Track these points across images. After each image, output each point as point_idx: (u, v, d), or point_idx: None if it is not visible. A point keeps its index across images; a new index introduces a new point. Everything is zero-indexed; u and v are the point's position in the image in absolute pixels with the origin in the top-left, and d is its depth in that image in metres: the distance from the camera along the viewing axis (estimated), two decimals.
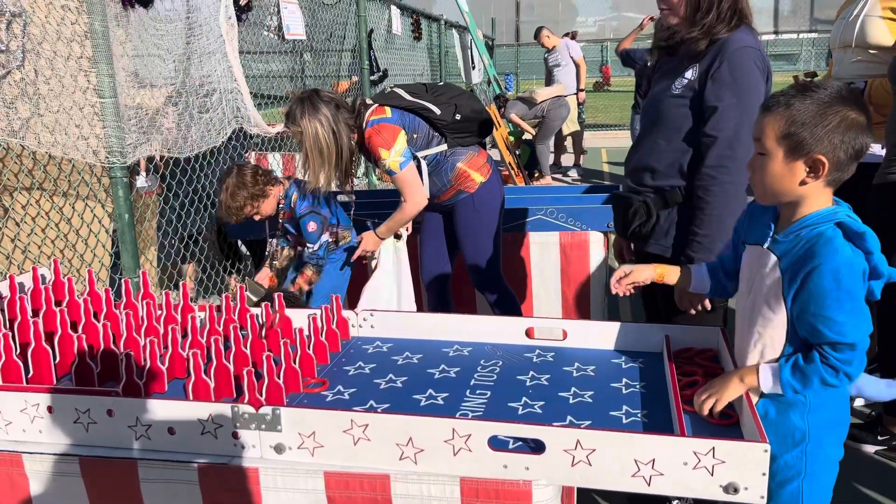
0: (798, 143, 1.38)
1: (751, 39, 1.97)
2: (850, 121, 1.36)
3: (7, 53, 2.25)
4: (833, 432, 1.49)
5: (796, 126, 1.38)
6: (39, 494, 1.42)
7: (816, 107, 1.37)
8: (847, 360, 1.36)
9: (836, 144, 1.36)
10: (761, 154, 1.44)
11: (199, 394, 1.49)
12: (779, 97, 1.42)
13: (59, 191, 3.13)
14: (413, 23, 7.56)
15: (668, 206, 2.07)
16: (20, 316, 1.73)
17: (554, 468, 1.25)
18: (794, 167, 1.40)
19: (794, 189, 1.42)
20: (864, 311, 1.37)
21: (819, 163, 1.37)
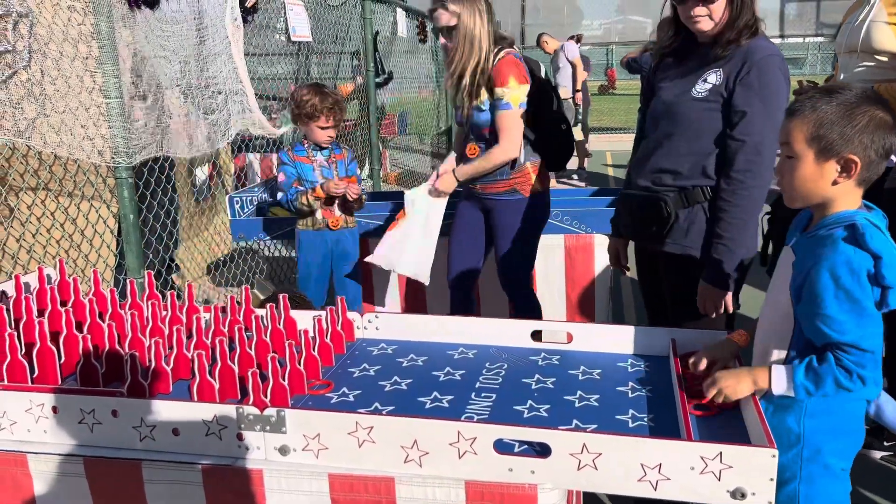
0: (829, 145, 1.39)
1: (774, 47, 2.01)
2: (879, 120, 1.38)
3: (13, 54, 2.25)
4: (836, 441, 1.47)
5: (825, 128, 1.39)
6: (43, 495, 1.42)
7: (844, 108, 1.39)
8: (860, 362, 1.36)
9: (866, 144, 1.38)
10: (790, 157, 1.45)
11: (203, 395, 1.49)
12: (804, 101, 1.44)
13: (65, 191, 3.13)
14: (418, 25, 7.56)
15: (689, 205, 2.07)
16: (25, 316, 1.73)
17: (560, 472, 1.24)
18: (825, 168, 1.41)
19: (826, 190, 1.43)
20: (868, 312, 1.36)
21: (851, 162, 1.39)
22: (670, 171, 2.10)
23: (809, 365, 1.41)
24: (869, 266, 1.35)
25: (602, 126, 13.24)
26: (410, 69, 7.75)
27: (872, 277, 1.35)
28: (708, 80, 2.03)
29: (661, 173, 2.12)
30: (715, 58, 2.02)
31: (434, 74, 8.84)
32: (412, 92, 8.26)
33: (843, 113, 1.38)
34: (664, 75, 2.20)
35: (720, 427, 1.41)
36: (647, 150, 2.20)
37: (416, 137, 8.94)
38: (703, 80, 2.04)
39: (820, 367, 1.39)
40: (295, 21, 4.12)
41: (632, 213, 2.24)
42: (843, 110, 1.39)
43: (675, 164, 2.09)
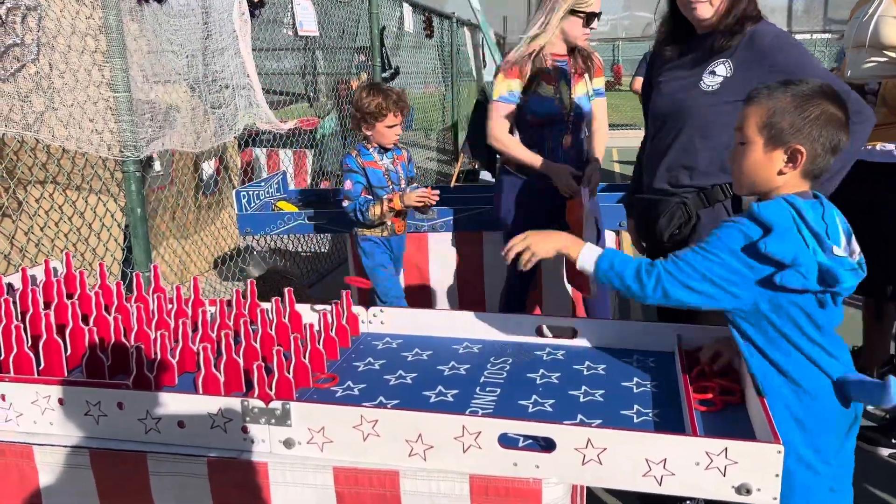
0: (778, 133, 1.43)
1: (776, 27, 1.98)
2: (830, 115, 1.42)
3: (22, 47, 2.26)
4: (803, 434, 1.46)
5: (777, 116, 1.43)
6: (49, 486, 1.42)
7: (798, 99, 1.43)
8: (671, 269, 1.45)
9: (814, 136, 1.41)
10: (741, 143, 1.49)
11: (209, 388, 1.49)
12: (762, 88, 1.48)
13: (73, 185, 3.15)
14: (425, 20, 7.55)
15: (710, 204, 2.02)
16: (32, 308, 1.74)
17: (564, 467, 1.24)
18: (772, 156, 1.45)
19: (772, 178, 1.46)
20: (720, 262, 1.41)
21: (797, 152, 1.42)
22: (686, 169, 2.03)
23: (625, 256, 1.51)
24: (751, 235, 1.39)
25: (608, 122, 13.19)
26: (416, 64, 7.75)
27: (752, 246, 1.38)
28: (717, 72, 1.97)
29: (678, 173, 2.05)
30: (720, 48, 1.96)
31: (440, 70, 8.83)
32: (418, 87, 8.26)
33: (797, 104, 1.42)
34: (664, 69, 2.13)
35: (725, 422, 1.41)
36: (658, 150, 2.12)
37: (422, 133, 8.93)
38: (710, 72, 1.98)
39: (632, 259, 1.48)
40: (302, 16, 4.12)
41: (649, 219, 2.16)
42: (797, 101, 1.42)
43: (691, 161, 2.02)
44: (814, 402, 1.46)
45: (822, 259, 1.36)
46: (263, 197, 3.77)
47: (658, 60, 2.18)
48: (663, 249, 2.18)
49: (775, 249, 1.36)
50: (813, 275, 1.36)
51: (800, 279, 1.36)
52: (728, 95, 1.97)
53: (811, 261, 1.36)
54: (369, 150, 2.94)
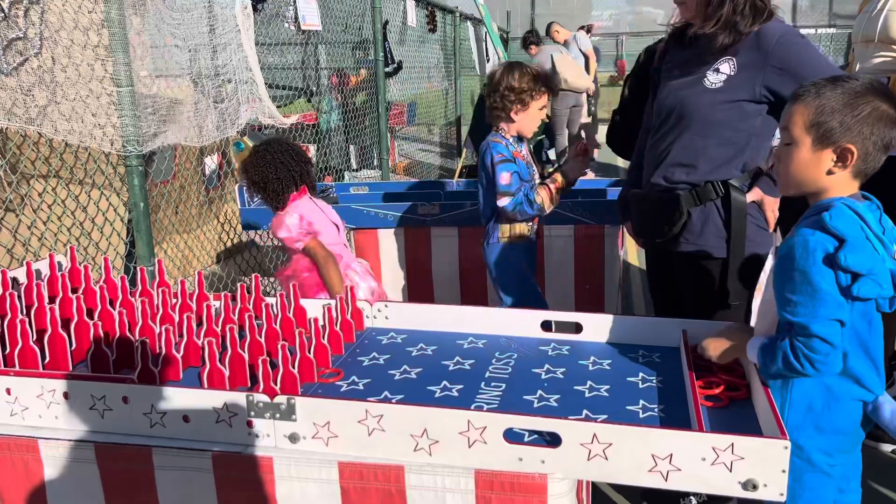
0: (827, 132, 1.38)
1: (784, 25, 1.94)
2: (881, 112, 1.36)
3: (25, 41, 2.25)
4: (819, 438, 1.46)
5: (826, 115, 1.38)
6: (54, 480, 1.42)
7: (847, 96, 1.37)
8: (808, 345, 1.36)
9: (865, 135, 1.36)
10: (788, 144, 1.44)
11: (213, 382, 1.49)
12: (809, 87, 1.42)
13: (75, 179, 3.14)
14: (428, 15, 7.53)
15: (701, 202, 2.00)
16: (37, 302, 1.74)
17: (570, 462, 1.24)
18: (821, 156, 1.39)
19: (820, 178, 1.41)
20: (822, 294, 1.33)
21: (848, 152, 1.37)
22: (683, 166, 2.03)
23: (771, 340, 1.42)
24: (828, 248, 1.33)
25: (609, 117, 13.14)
26: (419, 59, 7.73)
27: (830, 259, 1.32)
28: (721, 70, 1.95)
29: (674, 169, 2.04)
30: (724, 46, 1.94)
31: (443, 64, 8.81)
32: (421, 82, 8.24)
33: (847, 101, 1.37)
34: (671, 65, 2.12)
35: (732, 418, 1.41)
36: (658, 146, 2.11)
37: (425, 128, 8.92)
38: (715, 69, 1.96)
39: (775, 344, 1.40)
40: (304, 10, 4.11)
41: (643, 213, 2.17)
42: (847, 99, 1.37)
43: (688, 159, 2.01)
44: (841, 412, 1.45)
45: (891, 265, 1.33)
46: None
47: (665, 55, 2.16)
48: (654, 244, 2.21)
49: (854, 262, 1.31)
50: (887, 282, 1.33)
51: (875, 288, 1.33)
52: (730, 94, 1.95)
53: (884, 268, 1.33)
54: (509, 141, 2.60)
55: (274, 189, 2.50)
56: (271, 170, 2.49)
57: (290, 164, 2.51)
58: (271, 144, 2.55)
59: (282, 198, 2.52)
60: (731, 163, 1.99)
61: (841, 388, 1.44)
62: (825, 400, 1.44)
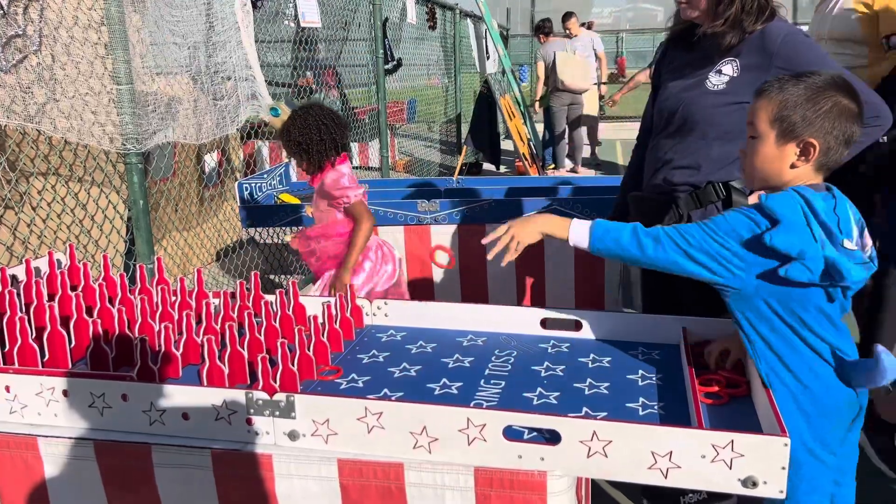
0: (790, 126, 1.41)
1: (788, 25, 1.93)
2: (843, 107, 1.40)
3: (24, 38, 2.25)
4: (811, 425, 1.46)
5: (789, 109, 1.41)
6: (54, 477, 1.42)
7: (809, 91, 1.41)
8: (672, 234, 1.44)
9: (827, 129, 1.40)
10: (753, 137, 1.47)
11: (213, 380, 1.49)
12: (773, 82, 1.46)
13: (75, 176, 3.14)
14: (428, 12, 7.52)
15: (702, 205, 1.98)
16: (36, 300, 1.74)
17: (569, 459, 1.24)
18: (785, 150, 1.43)
19: (783, 172, 1.45)
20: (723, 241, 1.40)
21: (810, 146, 1.41)
22: (684, 168, 2.01)
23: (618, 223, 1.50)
24: (756, 227, 1.38)
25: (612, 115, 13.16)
26: (419, 56, 7.72)
27: (757, 238, 1.37)
28: (723, 71, 1.94)
29: (675, 171, 2.02)
30: (727, 47, 1.92)
31: (443, 62, 8.80)
32: (421, 79, 8.24)
33: (809, 96, 1.40)
34: (672, 67, 2.10)
35: (731, 415, 1.41)
36: (657, 148, 2.10)
37: (425, 125, 8.92)
38: (717, 71, 1.95)
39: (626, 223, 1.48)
40: (304, 6, 4.10)
41: (643, 216, 2.09)
42: (809, 94, 1.40)
43: (689, 161, 2.00)
44: (818, 393, 1.45)
45: (829, 253, 1.34)
46: (266, 189, 3.76)
47: (667, 55, 2.15)
48: None
49: (781, 242, 1.35)
50: (818, 268, 1.35)
51: (805, 272, 1.35)
52: (733, 96, 1.93)
53: (818, 254, 1.34)
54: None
55: (317, 150, 2.55)
56: (315, 132, 2.54)
57: (332, 127, 2.57)
58: (313, 108, 2.61)
59: (323, 159, 2.57)
60: (733, 164, 1.95)
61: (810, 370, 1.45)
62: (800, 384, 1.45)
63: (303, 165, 2.61)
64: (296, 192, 3.92)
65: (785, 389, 1.45)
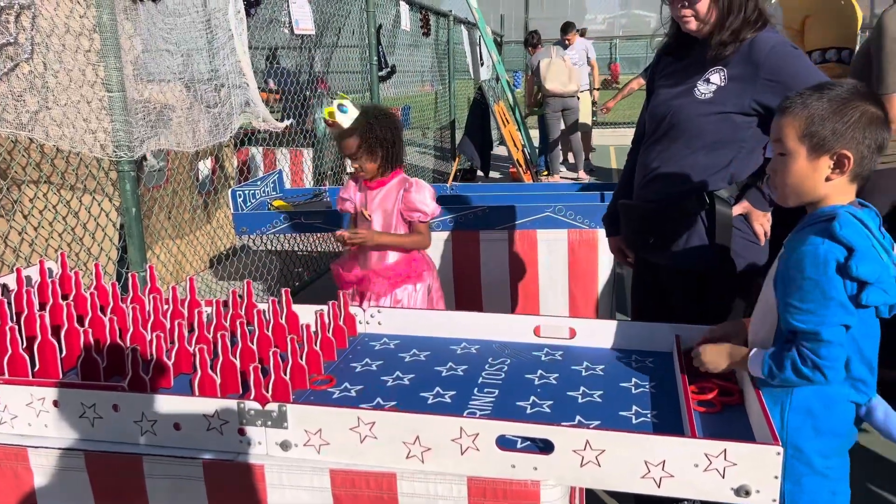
0: (821, 141, 1.39)
1: (777, 36, 1.91)
2: (871, 115, 1.38)
3: (16, 46, 2.24)
4: (818, 441, 1.46)
5: (817, 124, 1.39)
6: (44, 488, 1.41)
7: (835, 104, 1.39)
8: (816, 351, 1.36)
9: (858, 139, 1.38)
10: (782, 154, 1.44)
11: (205, 389, 1.48)
12: (794, 98, 1.43)
13: (67, 184, 3.13)
14: (422, 18, 7.54)
15: (689, 214, 1.98)
16: (27, 309, 1.73)
17: (563, 468, 1.24)
18: (818, 164, 1.40)
19: (819, 187, 1.42)
20: (834, 302, 1.34)
21: (844, 157, 1.38)
22: (670, 176, 2.00)
23: (776, 351, 1.42)
24: (838, 257, 1.33)
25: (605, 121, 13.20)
26: (413, 63, 7.73)
27: (842, 269, 1.33)
28: (711, 80, 1.94)
29: (662, 179, 2.02)
30: (716, 56, 1.92)
31: (437, 68, 8.81)
32: (415, 86, 8.24)
33: (835, 109, 1.38)
34: (664, 74, 2.10)
35: (724, 424, 1.40)
36: (645, 155, 2.10)
37: (419, 131, 8.92)
38: (705, 80, 1.94)
39: (783, 353, 1.40)
40: (298, 14, 4.10)
41: (631, 224, 2.15)
42: (835, 106, 1.38)
43: (675, 169, 1.99)
44: (837, 414, 1.45)
45: (894, 272, 1.34)
46: (259, 196, 3.76)
47: (660, 64, 2.15)
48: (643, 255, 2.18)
49: (865, 271, 1.32)
50: (892, 289, 1.34)
51: (882, 295, 1.33)
52: (720, 105, 1.92)
53: (889, 275, 1.33)
54: None
55: (396, 151, 2.51)
56: (397, 133, 2.53)
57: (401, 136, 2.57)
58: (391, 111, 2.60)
59: (396, 163, 2.53)
60: (719, 174, 1.96)
61: (838, 392, 1.44)
62: (823, 403, 1.45)
63: (368, 165, 2.50)
64: (289, 198, 3.91)
65: (805, 405, 1.44)
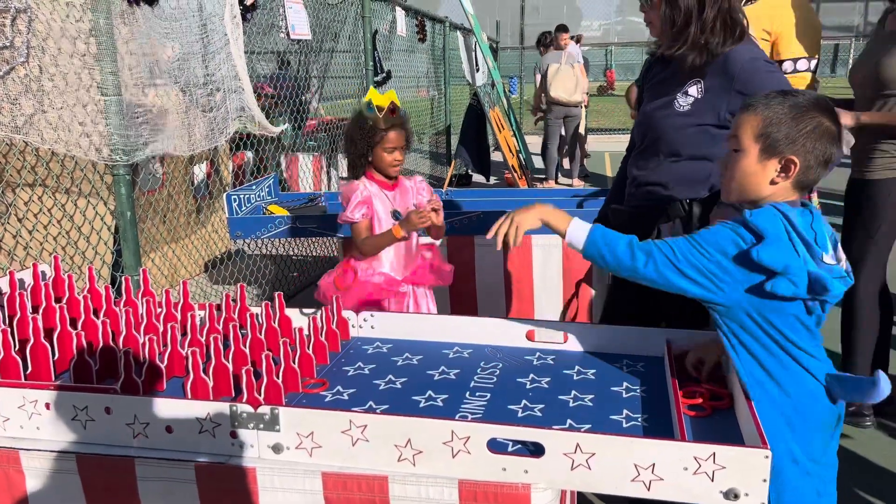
0: (774, 143, 1.44)
1: (754, 50, 1.94)
2: (824, 129, 1.44)
3: (12, 49, 2.25)
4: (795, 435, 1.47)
5: (773, 126, 1.44)
6: (36, 491, 1.41)
7: (794, 110, 1.44)
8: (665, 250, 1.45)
9: (808, 149, 1.43)
10: (735, 150, 1.50)
11: (197, 392, 1.49)
12: (760, 98, 1.49)
13: (62, 188, 3.13)
14: (417, 24, 7.56)
15: (670, 219, 2.02)
16: (20, 312, 1.73)
17: (553, 472, 1.24)
18: (766, 165, 1.46)
19: (762, 187, 1.47)
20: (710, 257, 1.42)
21: (791, 163, 1.44)
22: (654, 184, 2.05)
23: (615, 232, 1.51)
24: (744, 241, 1.40)
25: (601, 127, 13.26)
26: (409, 68, 7.75)
27: (744, 254, 1.39)
28: (689, 92, 1.98)
29: (646, 186, 2.07)
30: (693, 68, 1.95)
31: (433, 74, 8.83)
32: (410, 91, 8.26)
33: (793, 115, 1.43)
34: (652, 82, 2.15)
35: (714, 427, 1.41)
36: (633, 162, 2.17)
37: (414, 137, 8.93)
38: (684, 92, 1.99)
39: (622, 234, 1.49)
40: (294, 19, 4.11)
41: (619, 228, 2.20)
42: (794, 113, 1.43)
43: (658, 176, 2.04)
44: (802, 403, 1.47)
45: (812, 268, 1.37)
46: (254, 200, 3.76)
47: (651, 72, 2.19)
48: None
49: (767, 257, 1.37)
50: (803, 283, 1.37)
51: (790, 287, 1.37)
52: (697, 117, 1.96)
53: (801, 269, 1.37)
54: None
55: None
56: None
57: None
58: None
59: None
60: (700, 184, 2.00)
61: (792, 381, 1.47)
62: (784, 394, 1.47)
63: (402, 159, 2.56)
64: (284, 203, 3.92)
65: (769, 400, 1.46)
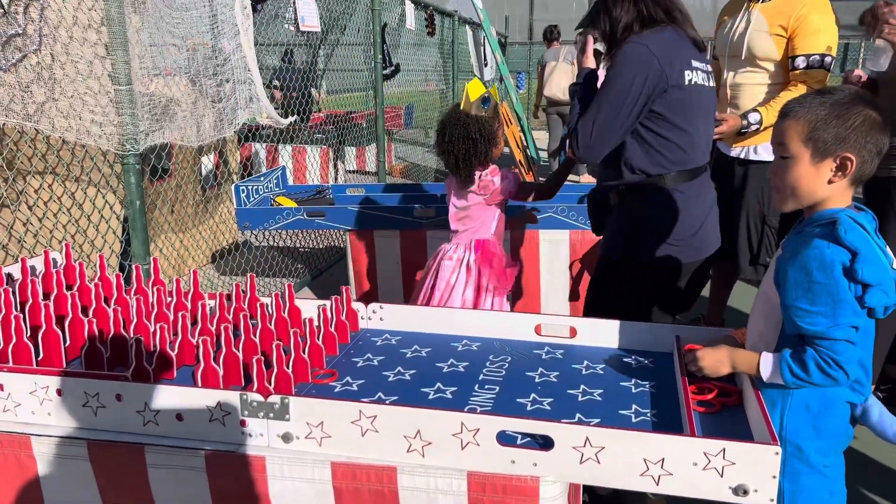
0: (824, 144, 1.41)
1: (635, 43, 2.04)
2: (872, 120, 1.40)
3: (24, 37, 2.25)
4: (818, 440, 1.47)
5: (820, 128, 1.41)
6: (47, 476, 1.42)
7: (837, 108, 1.41)
8: (837, 352, 1.38)
9: (861, 143, 1.40)
10: (784, 158, 1.46)
11: (207, 381, 1.49)
12: (795, 103, 1.46)
13: (72, 176, 3.14)
14: (427, 18, 7.54)
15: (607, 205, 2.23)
16: (31, 299, 1.74)
17: (562, 465, 1.25)
18: (821, 167, 1.42)
19: (820, 189, 1.44)
20: (843, 305, 1.36)
21: (847, 160, 1.40)
22: (610, 170, 2.20)
23: (794, 353, 1.43)
24: (844, 260, 1.36)
25: None
26: (417, 62, 7.74)
27: (848, 272, 1.35)
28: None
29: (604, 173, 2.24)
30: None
31: (441, 67, 8.82)
32: (419, 85, 8.25)
33: (838, 113, 1.40)
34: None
35: (723, 423, 1.41)
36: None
37: (422, 131, 8.93)
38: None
39: (801, 355, 1.41)
40: (304, 10, 4.11)
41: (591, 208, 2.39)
42: (837, 110, 1.41)
43: (607, 165, 2.20)
44: (835, 414, 1.47)
45: (893, 275, 1.36)
46: (262, 192, 3.77)
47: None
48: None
49: (869, 274, 1.34)
50: (892, 291, 1.36)
51: (883, 297, 1.35)
52: None
53: (889, 278, 1.36)
54: None
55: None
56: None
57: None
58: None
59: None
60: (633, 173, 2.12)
61: (836, 392, 1.45)
62: (822, 403, 1.46)
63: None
64: (292, 194, 3.92)
65: (803, 403, 1.46)
